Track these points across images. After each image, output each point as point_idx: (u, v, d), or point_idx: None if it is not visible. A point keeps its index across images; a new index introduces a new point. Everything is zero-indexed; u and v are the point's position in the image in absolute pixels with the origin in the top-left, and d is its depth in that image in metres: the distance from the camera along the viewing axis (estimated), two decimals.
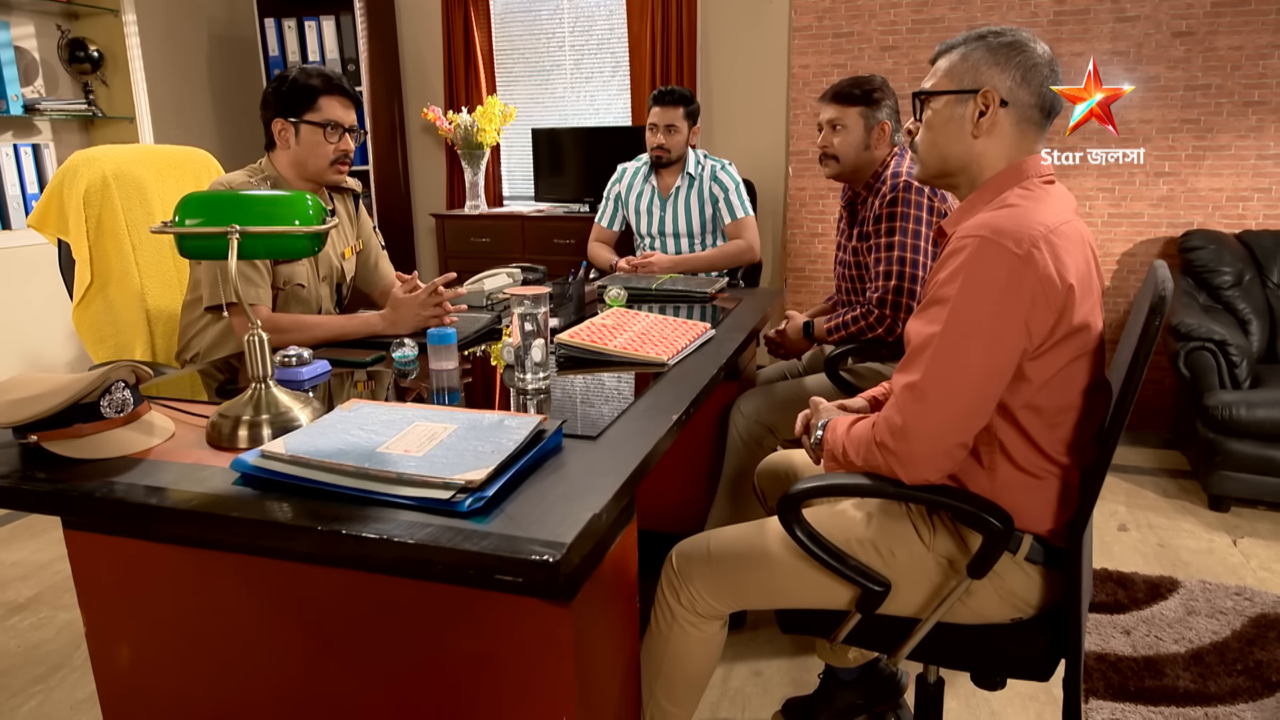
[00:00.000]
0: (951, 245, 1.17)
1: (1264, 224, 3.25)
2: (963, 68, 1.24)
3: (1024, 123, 1.23)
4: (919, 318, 1.19)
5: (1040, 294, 1.09)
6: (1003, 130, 1.23)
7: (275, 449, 1.10)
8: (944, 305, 1.13)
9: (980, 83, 1.22)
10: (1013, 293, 1.09)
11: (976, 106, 1.23)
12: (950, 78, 1.25)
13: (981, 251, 1.11)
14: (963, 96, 1.24)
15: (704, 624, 1.36)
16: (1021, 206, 1.17)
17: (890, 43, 3.57)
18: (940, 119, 1.27)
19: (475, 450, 1.09)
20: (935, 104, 1.27)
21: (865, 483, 1.17)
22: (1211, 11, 3.17)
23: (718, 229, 2.87)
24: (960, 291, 1.11)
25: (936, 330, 1.13)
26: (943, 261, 1.18)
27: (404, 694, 1.13)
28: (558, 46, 4.20)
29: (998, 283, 1.10)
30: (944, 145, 1.27)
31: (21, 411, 1.16)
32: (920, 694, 1.45)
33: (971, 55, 1.23)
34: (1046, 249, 1.10)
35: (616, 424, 1.30)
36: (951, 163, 1.27)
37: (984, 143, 1.24)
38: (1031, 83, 1.21)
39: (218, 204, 1.22)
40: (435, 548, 0.93)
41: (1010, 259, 1.09)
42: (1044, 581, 1.20)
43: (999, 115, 1.22)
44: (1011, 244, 1.10)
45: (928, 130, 1.29)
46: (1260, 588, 2.27)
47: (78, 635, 2.14)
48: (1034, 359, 1.13)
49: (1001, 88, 1.21)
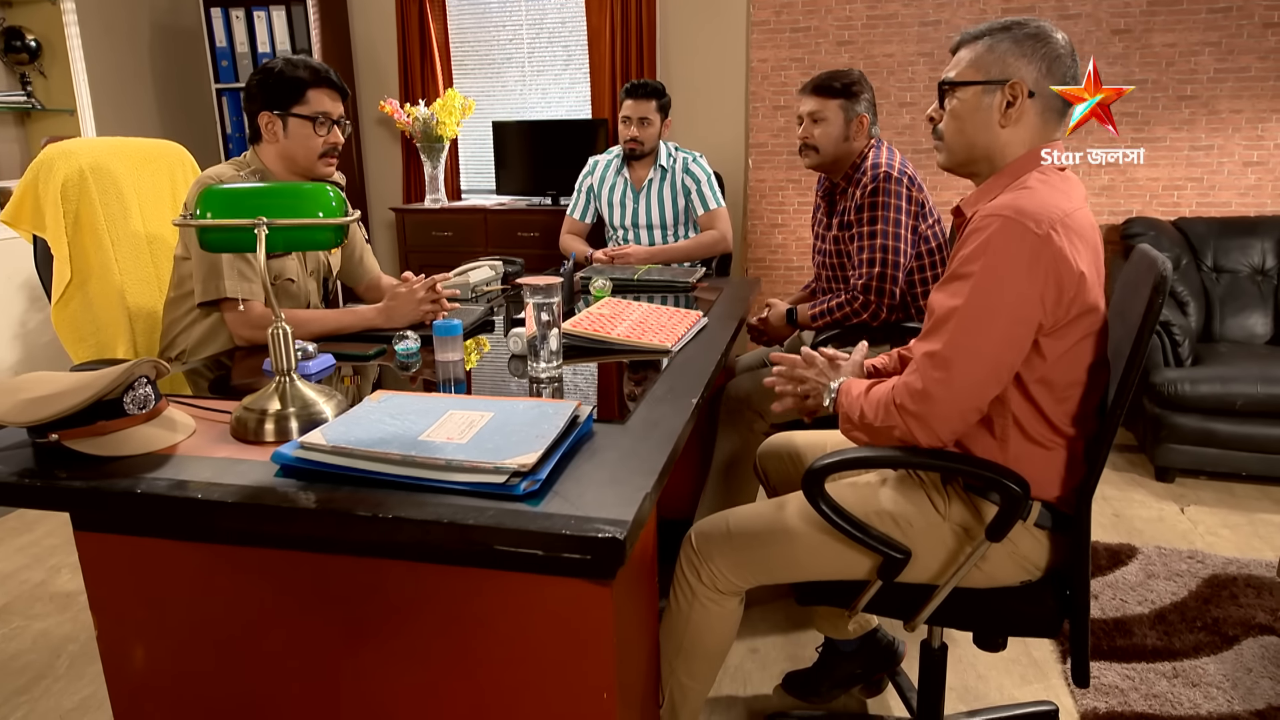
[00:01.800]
0: (974, 224, 1.22)
1: (1197, 211, 3.45)
2: (989, 59, 1.27)
3: (1048, 111, 1.27)
4: (941, 290, 1.24)
5: (1055, 272, 1.15)
6: (1029, 120, 1.27)
7: (315, 440, 1.10)
8: (966, 280, 1.19)
9: (1008, 74, 1.25)
10: (1033, 269, 1.15)
11: (1004, 97, 1.26)
12: (977, 68, 1.28)
13: (1005, 230, 1.16)
14: (990, 87, 1.26)
15: (724, 600, 1.41)
16: (1040, 191, 1.22)
17: (846, 37, 3.66)
18: (967, 109, 1.29)
19: (518, 436, 1.11)
20: (962, 94, 1.29)
21: (891, 454, 1.23)
22: (1147, 10, 3.34)
23: (690, 220, 2.92)
24: (983, 267, 1.17)
25: (959, 303, 1.18)
26: (965, 239, 1.23)
27: (439, 682, 1.13)
28: (515, 39, 4.18)
29: (1020, 260, 1.15)
30: (971, 134, 1.30)
31: (42, 410, 1.14)
32: (925, 659, 1.52)
33: (998, 46, 1.26)
34: (1063, 232, 1.16)
35: (639, 409, 1.33)
36: (978, 150, 1.31)
37: (1010, 132, 1.28)
38: (1056, 73, 1.25)
39: (242, 197, 1.21)
40: (499, 529, 0.95)
41: (1031, 238, 1.15)
42: (1051, 545, 1.28)
43: (1025, 105, 1.26)
44: (1032, 224, 1.15)
45: (954, 119, 1.32)
46: (1209, 551, 2.43)
47: (56, 643, 2.07)
48: (1048, 335, 1.19)
49: (1029, 79, 1.25)
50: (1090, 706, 1.77)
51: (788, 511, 1.37)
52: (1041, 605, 1.28)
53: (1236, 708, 1.75)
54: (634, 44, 3.85)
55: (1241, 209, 3.42)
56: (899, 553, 1.25)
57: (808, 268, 3.93)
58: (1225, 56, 3.30)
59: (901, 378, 1.23)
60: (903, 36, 3.61)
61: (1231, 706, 1.76)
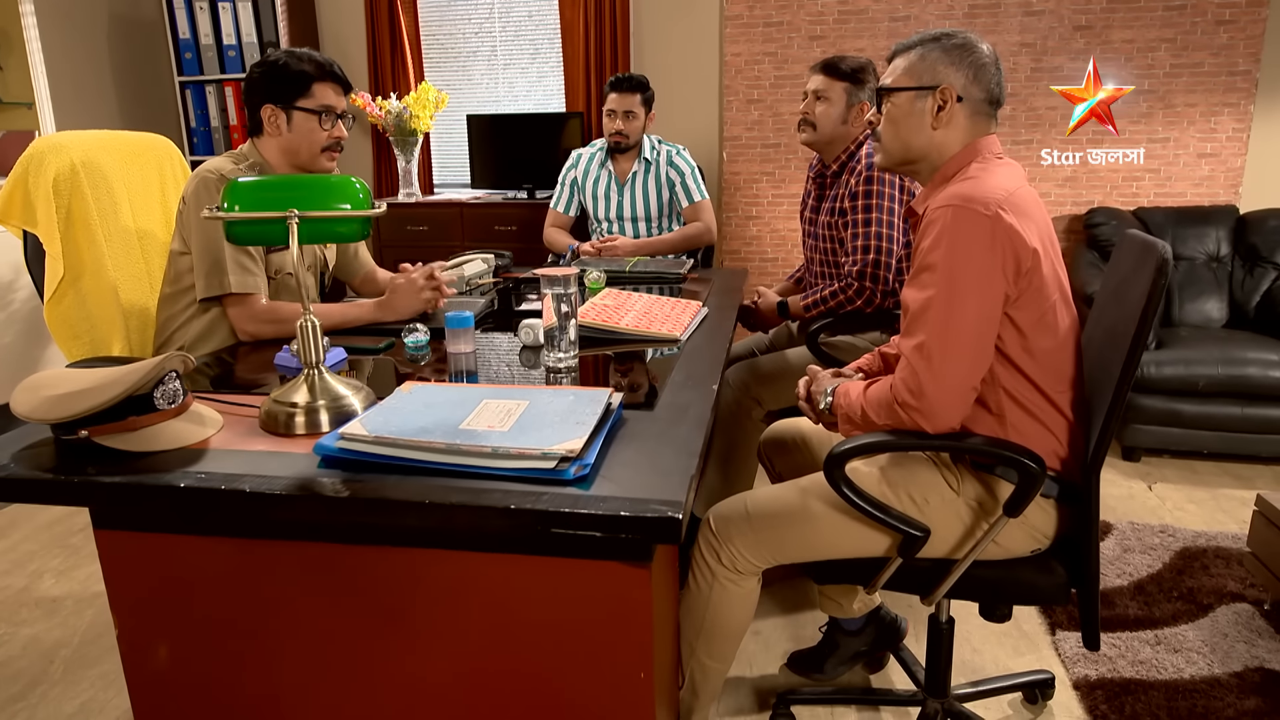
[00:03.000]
0: (927, 218, 1.30)
1: (1154, 201, 3.59)
2: (921, 66, 1.38)
3: (976, 114, 1.38)
4: (912, 285, 1.31)
5: (1011, 246, 1.24)
6: (958, 122, 1.37)
7: (356, 431, 1.11)
8: (934, 270, 1.26)
9: (938, 80, 1.37)
10: (991, 248, 1.23)
11: (935, 101, 1.37)
12: (910, 75, 1.39)
13: (958, 218, 1.25)
14: (922, 92, 1.38)
15: (743, 580, 1.45)
16: (979, 178, 1.31)
17: (818, 32, 3.73)
18: (902, 112, 1.40)
19: (558, 423, 1.13)
20: (897, 99, 1.41)
21: (910, 439, 1.28)
22: (1107, 8, 3.46)
23: (674, 213, 2.95)
24: (946, 255, 1.25)
25: (932, 293, 1.26)
26: (923, 233, 1.31)
27: (475, 670, 1.14)
28: (483, 31, 4.16)
29: (978, 241, 1.23)
30: (906, 135, 1.41)
31: (72, 406, 1.12)
32: (932, 633, 1.58)
33: (929, 55, 1.38)
34: (1009, 209, 1.25)
35: (663, 395, 1.36)
36: (914, 151, 1.41)
37: (942, 133, 1.38)
38: (981, 80, 1.37)
39: (271, 189, 1.21)
40: (556, 513, 0.97)
41: (982, 219, 1.23)
42: (1058, 515, 1.35)
43: (955, 109, 1.36)
44: (980, 207, 1.24)
45: (890, 123, 1.43)
46: (1178, 525, 2.54)
47: (48, 649, 2.03)
48: (1015, 306, 1.27)
49: (957, 84, 1.36)
50: (1081, 674, 1.85)
51: (807, 494, 1.41)
52: (1052, 573, 1.34)
53: (1216, 670, 1.85)
54: (608, 37, 3.87)
55: (1196, 199, 3.57)
56: (918, 530, 1.30)
57: (783, 259, 4.00)
58: (1180, 52, 3.44)
59: (896, 376, 1.29)
60: (873, 32, 3.68)
61: (1212, 670, 1.85)
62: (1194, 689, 1.78)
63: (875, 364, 1.66)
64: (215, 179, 1.74)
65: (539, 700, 1.14)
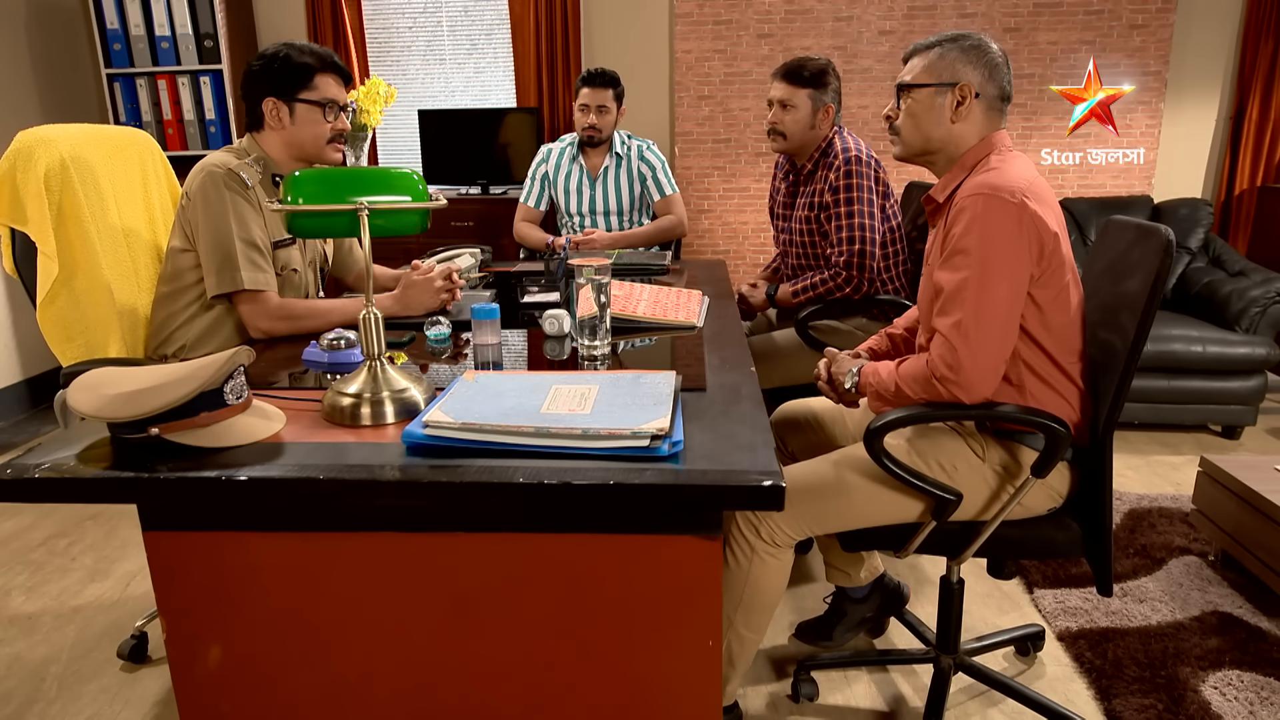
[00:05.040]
0: (957, 205, 1.41)
1: (1079, 192, 3.86)
2: (941, 65, 1.50)
3: (990, 110, 1.50)
4: (945, 268, 1.41)
5: (1035, 231, 1.36)
6: (975, 116, 1.50)
7: (439, 419, 1.13)
8: (967, 254, 1.37)
9: (957, 77, 1.48)
10: (1018, 232, 1.35)
11: (954, 97, 1.49)
12: (930, 73, 1.51)
13: (988, 206, 1.36)
14: (942, 89, 1.49)
15: (781, 552, 1.52)
16: (1001, 169, 1.43)
17: (766, 30, 3.84)
18: (922, 107, 1.52)
19: (636, 404, 1.17)
20: (917, 95, 1.52)
21: (947, 410, 1.38)
22: (1034, 11, 3.70)
23: (645, 206, 3.01)
24: (979, 240, 1.36)
25: (966, 275, 1.36)
26: (953, 219, 1.42)
27: (546, 649, 1.17)
28: (434, 26, 4.12)
29: (1007, 227, 1.35)
30: (926, 128, 1.52)
31: (145, 403, 1.11)
32: (944, 593, 1.69)
33: (948, 54, 1.50)
34: (1032, 197, 1.37)
35: (710, 378, 1.42)
36: (933, 143, 1.53)
37: (960, 127, 1.50)
38: (995, 78, 1.49)
39: (335, 181, 1.21)
40: (664, 487, 1.02)
41: (1010, 207, 1.35)
42: (1071, 475, 1.47)
43: (973, 104, 1.48)
44: (1008, 195, 1.36)
45: (910, 116, 1.54)
46: (1124, 489, 2.76)
47: (35, 667, 1.94)
48: (1037, 285, 1.39)
49: (975, 81, 1.48)
50: (1063, 626, 2.01)
51: (841, 466, 1.50)
52: (1068, 529, 1.47)
53: (1179, 616, 2.04)
54: (559, 33, 3.89)
55: (1115, 190, 3.85)
56: (951, 494, 1.40)
57: (734, 251, 4.11)
58: (1099, 54, 3.70)
59: (932, 353, 1.39)
60: (818, 30, 3.82)
61: (1174, 615, 2.04)
62: (1163, 633, 1.96)
63: (883, 344, 1.76)
64: (223, 174, 1.70)
65: (609, 676, 1.17)
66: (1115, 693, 1.77)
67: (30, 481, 1.08)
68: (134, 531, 2.59)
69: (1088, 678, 1.84)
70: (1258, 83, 3.65)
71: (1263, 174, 3.77)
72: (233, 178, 1.71)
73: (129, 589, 2.27)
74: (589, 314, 1.53)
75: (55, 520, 2.67)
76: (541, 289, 2.10)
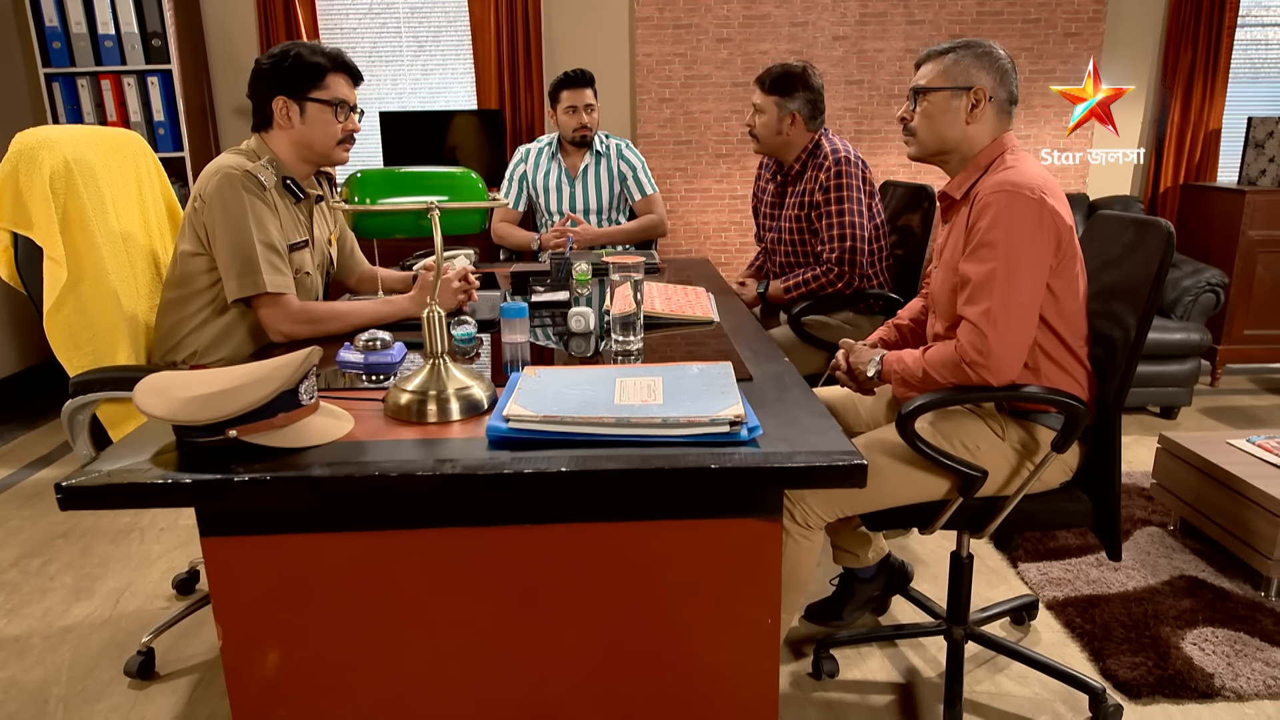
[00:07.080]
0: (980, 201, 1.51)
1: None
2: (955, 69, 1.60)
3: (1000, 112, 1.61)
4: (971, 260, 1.50)
5: (1054, 225, 1.47)
6: (988, 118, 1.60)
7: (520, 412, 1.16)
8: (993, 247, 1.46)
9: (972, 81, 1.58)
10: (1040, 226, 1.46)
11: (969, 100, 1.58)
12: (945, 77, 1.60)
13: (1011, 202, 1.46)
14: (957, 92, 1.59)
15: (813, 534, 1.59)
16: (1018, 167, 1.54)
17: (725, 35, 3.94)
18: (938, 109, 1.61)
19: (706, 393, 1.22)
20: (933, 98, 1.62)
21: (976, 393, 1.47)
22: (977, 18, 3.90)
23: (624, 204, 3.06)
24: (1004, 234, 1.46)
25: (993, 266, 1.46)
26: (978, 214, 1.51)
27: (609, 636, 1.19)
28: (391, 27, 4.07)
29: (1029, 221, 1.46)
30: (942, 130, 1.62)
31: (224, 405, 1.10)
32: (954, 567, 1.80)
33: (962, 60, 1.60)
34: (1049, 194, 1.48)
35: (751, 368, 1.48)
36: (948, 143, 1.63)
37: (974, 128, 1.60)
38: (1005, 82, 1.60)
39: (399, 181, 1.22)
40: (755, 469, 1.07)
41: (1032, 203, 1.46)
42: (1080, 451, 1.59)
43: (986, 107, 1.58)
44: (1028, 192, 1.46)
45: (925, 118, 1.63)
46: None
47: (35, 689, 1.86)
48: (1053, 275, 1.50)
49: (988, 85, 1.58)
50: (1051, 596, 2.14)
51: (870, 450, 1.57)
52: (1079, 501, 1.58)
53: (1151, 581, 2.20)
54: (520, 36, 3.90)
55: None
56: (977, 472, 1.50)
57: (696, 250, 4.19)
58: (1037, 60, 3.92)
59: (961, 339, 1.48)
60: (775, 35, 3.94)
61: (1147, 580, 2.20)
62: (1141, 597, 2.11)
63: (892, 335, 1.86)
64: (240, 175, 1.68)
65: (672, 659, 1.21)
66: (1108, 653, 1.90)
67: (130, 486, 1.06)
68: (112, 548, 2.49)
69: (1080, 641, 1.97)
70: (1179, 87, 3.93)
71: (1184, 172, 4.05)
72: (250, 179, 1.69)
73: (119, 606, 2.20)
74: (626, 311, 1.57)
75: (22, 540, 2.56)
76: (548, 288, 2.13)
